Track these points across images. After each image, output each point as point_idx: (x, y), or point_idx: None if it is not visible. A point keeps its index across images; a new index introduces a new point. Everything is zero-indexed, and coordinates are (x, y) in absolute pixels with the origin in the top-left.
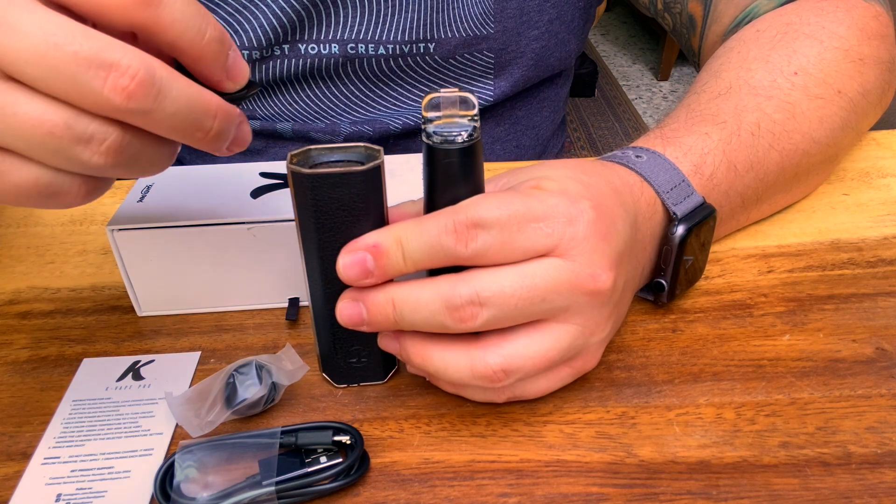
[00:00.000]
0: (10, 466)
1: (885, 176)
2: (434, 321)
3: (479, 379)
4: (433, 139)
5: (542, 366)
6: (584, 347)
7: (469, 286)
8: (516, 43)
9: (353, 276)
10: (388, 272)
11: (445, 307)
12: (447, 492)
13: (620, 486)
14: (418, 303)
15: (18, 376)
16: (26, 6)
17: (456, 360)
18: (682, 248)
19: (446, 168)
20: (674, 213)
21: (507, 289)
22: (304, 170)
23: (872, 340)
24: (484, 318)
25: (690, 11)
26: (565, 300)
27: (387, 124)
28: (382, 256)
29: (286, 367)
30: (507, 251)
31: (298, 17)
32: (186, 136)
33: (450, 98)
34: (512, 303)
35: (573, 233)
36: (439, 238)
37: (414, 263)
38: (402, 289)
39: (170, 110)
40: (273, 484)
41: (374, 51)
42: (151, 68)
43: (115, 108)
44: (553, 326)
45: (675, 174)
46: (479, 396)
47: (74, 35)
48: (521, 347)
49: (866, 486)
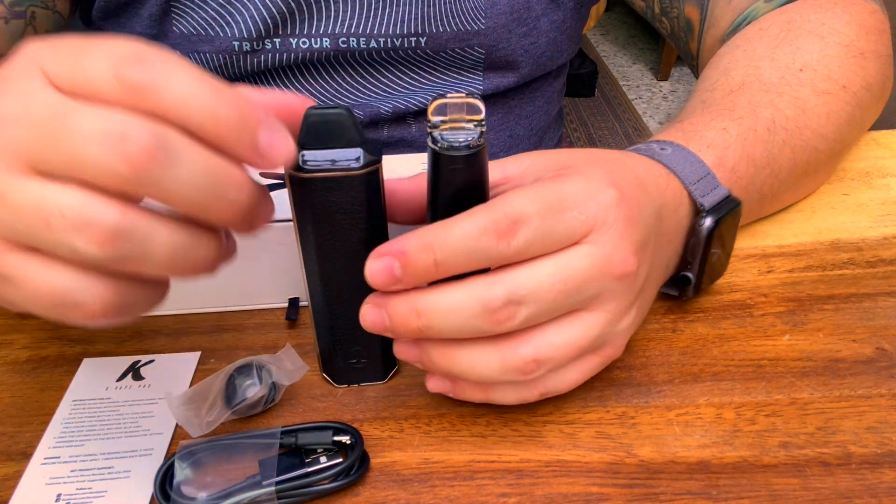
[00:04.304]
0: (10, 466)
1: (885, 176)
2: (469, 326)
3: (511, 372)
4: (439, 145)
5: (574, 354)
6: (611, 335)
7: (504, 286)
8: (507, 40)
9: (380, 283)
10: (417, 278)
11: (484, 311)
12: (447, 492)
13: (620, 486)
14: (451, 310)
15: (18, 376)
16: (45, 94)
17: (485, 356)
18: (709, 240)
19: (451, 174)
20: (701, 204)
21: (544, 284)
22: (301, 173)
23: (872, 340)
24: (522, 317)
25: (687, 15)
26: (597, 287)
27: (377, 108)
28: (411, 263)
29: (286, 367)
30: (548, 242)
31: (289, 10)
32: (208, 210)
33: (456, 104)
34: (550, 297)
35: (604, 217)
36: (479, 240)
37: (447, 269)
38: (430, 296)
39: (183, 179)
40: (273, 484)
41: (366, 44)
42: (160, 134)
43: (124, 179)
44: (583, 315)
45: (700, 167)
46: (510, 397)
47: (82, 113)
48: (553, 336)
49: (866, 486)
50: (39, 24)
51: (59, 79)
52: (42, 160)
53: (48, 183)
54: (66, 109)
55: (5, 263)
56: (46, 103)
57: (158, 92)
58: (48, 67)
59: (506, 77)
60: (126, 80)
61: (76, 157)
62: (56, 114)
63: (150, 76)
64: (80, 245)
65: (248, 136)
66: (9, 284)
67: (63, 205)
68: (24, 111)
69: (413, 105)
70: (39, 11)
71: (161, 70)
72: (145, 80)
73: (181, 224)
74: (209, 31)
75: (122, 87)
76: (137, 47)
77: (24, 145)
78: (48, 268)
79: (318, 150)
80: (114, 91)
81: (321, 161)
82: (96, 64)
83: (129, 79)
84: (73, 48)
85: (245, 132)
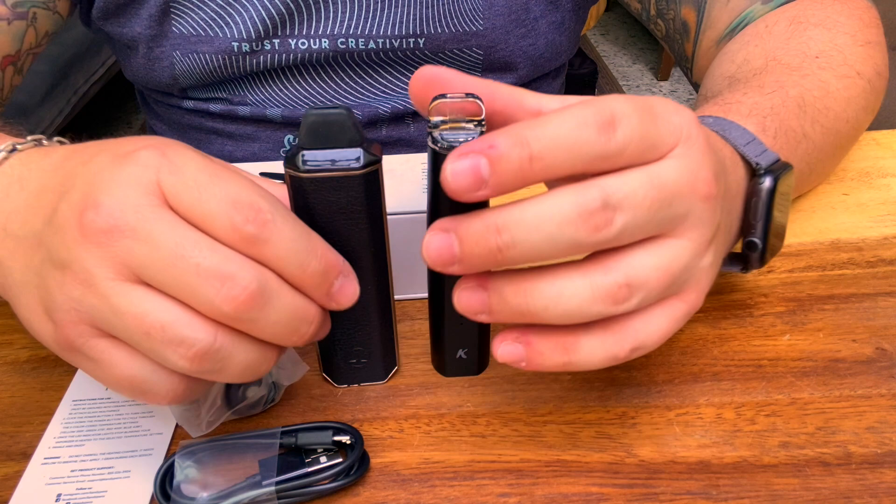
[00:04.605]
0: (10, 466)
1: (885, 176)
2: (562, 236)
3: (601, 300)
4: (439, 145)
5: (665, 282)
6: (695, 271)
7: (598, 189)
8: (505, 41)
9: (461, 188)
10: (507, 180)
11: (580, 214)
12: (447, 492)
13: (620, 486)
14: (540, 217)
15: (18, 376)
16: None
17: (571, 284)
18: (771, 199)
19: None
20: (756, 163)
21: (639, 191)
22: (300, 173)
23: (872, 340)
24: (619, 225)
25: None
26: (685, 206)
27: (376, 108)
28: (502, 158)
29: (286, 366)
30: (645, 146)
31: (288, 11)
32: (283, 340)
33: (456, 103)
34: (645, 206)
35: (689, 131)
36: (579, 131)
37: (544, 166)
38: (513, 208)
39: (273, 319)
40: (273, 484)
41: (364, 45)
42: (263, 281)
43: (224, 315)
44: (670, 240)
45: (744, 132)
46: (597, 353)
47: (201, 248)
48: (644, 259)
49: (866, 486)
50: (40, 24)
51: (178, 205)
52: (151, 276)
53: (152, 295)
54: (186, 241)
55: (93, 347)
56: (167, 228)
57: (265, 245)
58: (168, 189)
59: (504, 78)
60: (240, 231)
61: (187, 286)
62: (176, 243)
63: (260, 232)
64: (172, 358)
65: (327, 285)
66: (94, 364)
67: (165, 321)
68: (141, 226)
69: (411, 105)
70: (40, 12)
71: (270, 227)
72: (256, 235)
73: (257, 343)
74: (208, 32)
75: (235, 235)
76: (252, 195)
77: (137, 259)
78: (131, 358)
79: (318, 150)
80: (227, 235)
81: (321, 161)
82: (215, 206)
83: (243, 231)
84: (196, 181)
85: (325, 281)
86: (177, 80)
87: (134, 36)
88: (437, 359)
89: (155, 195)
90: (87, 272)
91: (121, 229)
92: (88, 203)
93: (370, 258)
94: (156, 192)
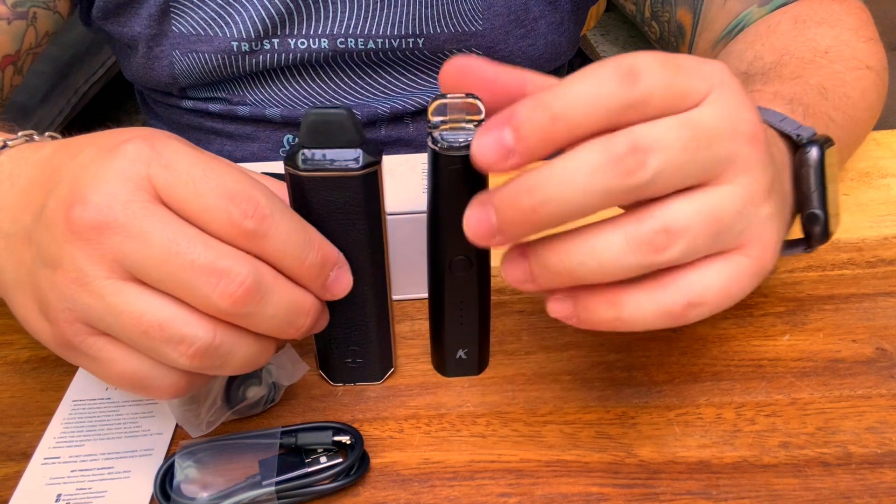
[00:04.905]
0: (10, 466)
1: (885, 176)
2: (592, 186)
3: (637, 250)
4: (439, 145)
5: (713, 227)
6: (753, 221)
7: (627, 135)
8: (505, 42)
9: (489, 161)
10: (533, 145)
11: (607, 160)
12: (447, 492)
13: (620, 486)
14: (571, 170)
15: (18, 376)
16: (160, 217)
17: (604, 237)
18: (821, 167)
19: (451, 174)
20: (798, 135)
21: (671, 132)
22: (299, 171)
23: (872, 340)
24: (654, 168)
25: (679, 19)
26: (728, 148)
27: (375, 108)
28: (525, 123)
29: (286, 367)
30: (672, 94)
31: (287, 10)
32: (281, 333)
33: (456, 104)
34: (679, 146)
35: (721, 79)
36: (601, 85)
37: (569, 125)
38: (544, 168)
39: (270, 312)
40: (273, 484)
41: (364, 45)
42: (259, 275)
43: (221, 310)
44: (716, 187)
45: (774, 113)
46: (647, 307)
47: (195, 244)
48: (684, 205)
49: (866, 486)
50: (40, 24)
51: (172, 200)
52: (145, 273)
53: (147, 293)
54: (179, 237)
55: (91, 346)
56: (159, 224)
57: (264, 240)
58: (160, 184)
59: None
60: (239, 226)
61: (183, 283)
62: (169, 239)
63: (258, 226)
64: (172, 356)
65: (323, 277)
66: (93, 362)
67: (162, 319)
68: (132, 222)
69: (411, 106)
70: (41, 12)
71: (269, 221)
72: (255, 229)
73: (255, 336)
74: (208, 32)
75: (233, 230)
76: (247, 188)
77: (130, 256)
78: (130, 355)
79: (317, 149)
80: (225, 230)
81: (320, 161)
82: (212, 201)
83: (242, 226)
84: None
85: (322, 273)
86: (176, 80)
87: (134, 35)
88: (437, 359)
89: (145, 190)
90: (80, 270)
91: (110, 225)
92: (76, 198)
93: (367, 258)
94: (146, 187)
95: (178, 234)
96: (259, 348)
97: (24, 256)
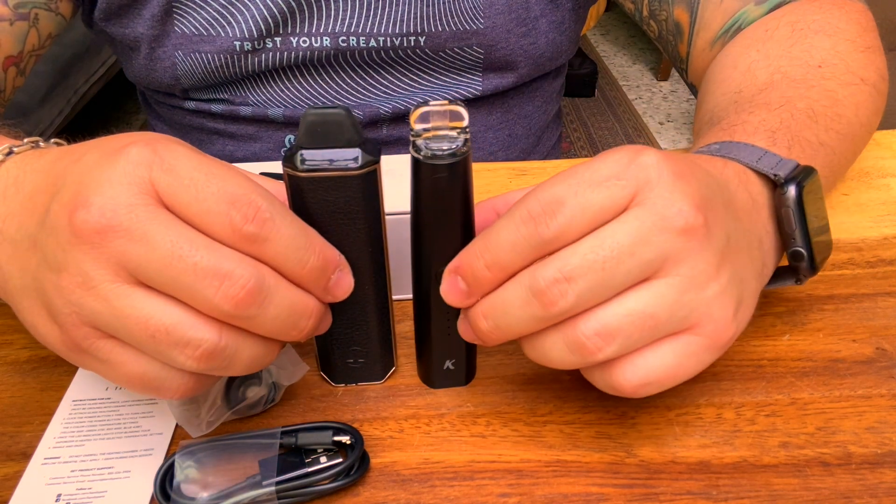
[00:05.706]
0: (10, 466)
1: (885, 176)
2: (526, 315)
3: (577, 352)
4: (422, 153)
5: (648, 325)
6: (699, 304)
7: (549, 267)
8: (506, 40)
9: (456, 301)
10: (482, 286)
11: (532, 294)
12: (447, 492)
13: (620, 486)
14: (505, 303)
15: (18, 376)
16: (163, 221)
17: (548, 341)
18: (800, 205)
19: (435, 183)
20: (775, 174)
21: (588, 255)
22: (298, 172)
23: (872, 340)
24: (574, 294)
25: (677, 18)
26: (659, 248)
27: (377, 108)
28: (468, 273)
29: (286, 367)
30: (589, 216)
31: (290, 9)
32: (283, 335)
33: (439, 111)
34: (598, 268)
35: (646, 176)
36: (518, 230)
37: (500, 268)
38: (489, 297)
39: (272, 314)
40: (273, 484)
41: (366, 43)
42: (261, 278)
43: (225, 313)
44: (653, 282)
45: (753, 150)
46: (599, 383)
47: (197, 247)
48: (616, 307)
49: (866, 486)
50: (42, 25)
51: (174, 204)
52: (148, 277)
53: (152, 297)
54: (182, 241)
55: (100, 349)
56: (162, 228)
57: (265, 244)
58: (162, 187)
59: (504, 77)
60: (240, 230)
61: (186, 286)
62: (172, 242)
63: (259, 230)
64: (180, 359)
65: (324, 280)
66: (103, 365)
67: (168, 323)
68: (135, 226)
69: (412, 105)
70: (42, 13)
71: (270, 225)
72: (256, 233)
73: (260, 338)
74: (210, 31)
75: (234, 234)
76: (248, 192)
77: (134, 260)
78: (139, 357)
79: (316, 149)
80: (226, 234)
81: (319, 161)
82: (213, 205)
83: (243, 230)
84: (192, 179)
85: (323, 276)
86: (178, 81)
87: (136, 36)
88: (423, 370)
89: (148, 194)
90: (85, 275)
91: (114, 229)
92: (79, 202)
93: (368, 258)
94: (149, 191)
95: (181, 237)
96: (264, 349)
97: (29, 262)
